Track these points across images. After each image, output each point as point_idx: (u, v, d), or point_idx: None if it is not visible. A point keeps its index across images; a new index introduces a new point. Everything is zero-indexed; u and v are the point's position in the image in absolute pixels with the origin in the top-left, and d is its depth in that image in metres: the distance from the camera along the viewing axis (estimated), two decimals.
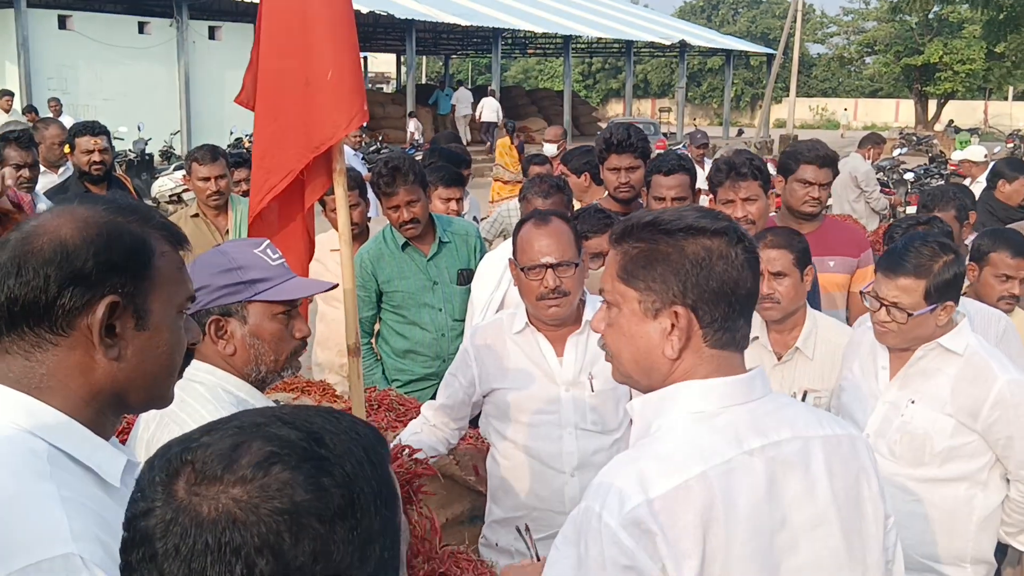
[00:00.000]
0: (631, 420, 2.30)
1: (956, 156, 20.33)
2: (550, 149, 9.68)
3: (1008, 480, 2.97)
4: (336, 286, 2.37)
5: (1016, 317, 4.04)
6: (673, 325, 1.66)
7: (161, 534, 0.92)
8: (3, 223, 3.47)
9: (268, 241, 2.26)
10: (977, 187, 8.15)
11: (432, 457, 2.97)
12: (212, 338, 2.16)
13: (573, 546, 1.63)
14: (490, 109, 28.23)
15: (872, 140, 11.30)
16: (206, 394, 2.10)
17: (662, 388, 1.71)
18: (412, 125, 25.35)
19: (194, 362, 1.92)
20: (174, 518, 0.92)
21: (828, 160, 4.13)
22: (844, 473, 1.73)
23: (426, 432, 3.19)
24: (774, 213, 4.30)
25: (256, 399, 2.19)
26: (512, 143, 14.67)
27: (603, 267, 1.80)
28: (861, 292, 3.06)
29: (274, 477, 0.92)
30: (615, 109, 60.40)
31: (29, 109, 17.19)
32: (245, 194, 5.90)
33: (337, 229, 4.79)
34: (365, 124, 22.21)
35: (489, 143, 26.14)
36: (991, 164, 8.07)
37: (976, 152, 9.41)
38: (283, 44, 2.89)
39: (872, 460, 1.80)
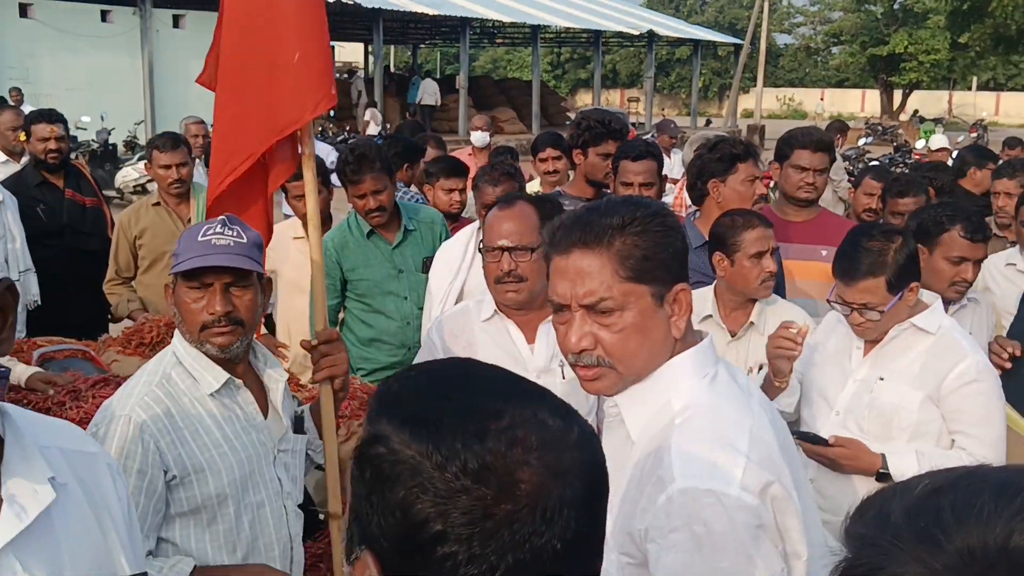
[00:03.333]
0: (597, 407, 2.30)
1: (921, 145, 20.55)
2: (479, 138, 8.62)
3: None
4: (240, 270, 2.38)
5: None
6: (678, 305, 1.73)
7: None
8: None
9: (224, 218, 2.38)
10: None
11: None
12: (167, 301, 2.47)
13: (681, 531, 1.61)
14: (429, 93, 28.30)
15: (836, 128, 11.35)
16: (158, 358, 2.49)
17: (653, 371, 1.73)
18: (368, 115, 24.60)
19: None
20: None
21: (823, 145, 4.08)
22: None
23: None
24: (765, 203, 4.31)
25: (195, 360, 2.39)
26: None
27: None
28: (828, 301, 3.06)
29: None
30: (584, 99, 60.42)
31: None
32: None
33: (300, 217, 4.77)
34: (332, 113, 21.96)
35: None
36: (955, 152, 8.22)
37: (940, 141, 9.86)
38: (247, 24, 2.82)
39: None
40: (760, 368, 3.31)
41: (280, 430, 2.53)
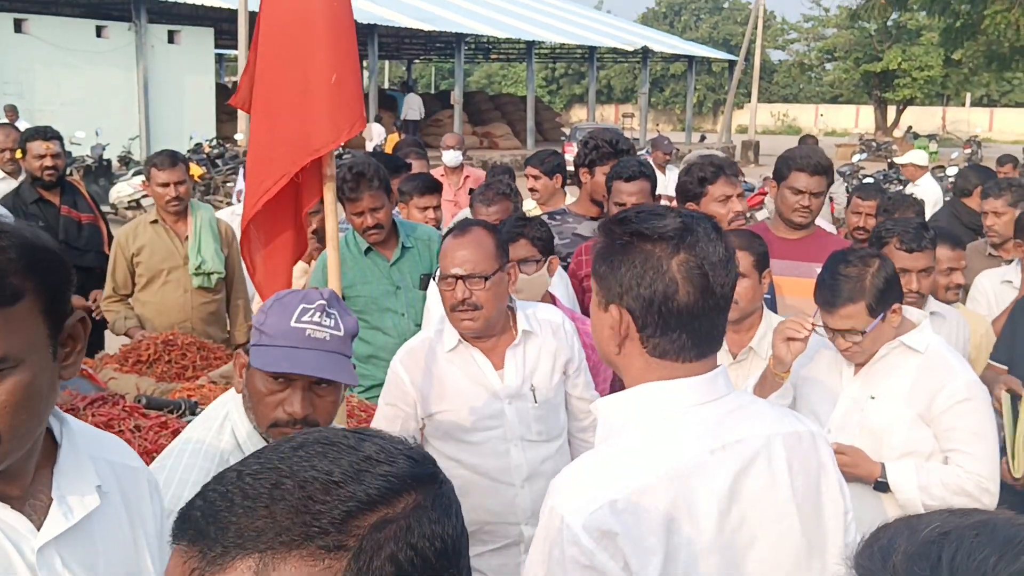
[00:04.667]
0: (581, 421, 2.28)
1: (901, 160, 20.65)
2: (451, 157, 8.17)
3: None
4: (326, 380, 2.13)
5: (963, 313, 4.11)
6: (618, 321, 1.71)
7: None
8: None
9: (329, 296, 2.14)
10: (916, 189, 8.79)
11: None
12: (236, 370, 2.19)
13: (542, 542, 1.65)
14: (413, 108, 28.42)
15: (814, 141, 11.29)
16: (215, 434, 2.18)
17: (628, 388, 1.74)
18: (376, 131, 24.87)
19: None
20: None
21: (821, 168, 3.99)
22: (804, 469, 1.75)
23: None
24: (767, 218, 4.31)
25: (250, 438, 2.14)
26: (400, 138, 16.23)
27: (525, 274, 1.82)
28: (812, 325, 3.07)
29: None
30: (578, 114, 60.62)
31: None
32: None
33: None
34: None
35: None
36: (949, 168, 8.37)
37: (920, 156, 9.90)
38: (283, 48, 2.86)
39: (831, 456, 1.83)
40: None
41: None
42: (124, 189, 15.86)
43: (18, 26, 21.40)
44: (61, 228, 5.57)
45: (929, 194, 8.62)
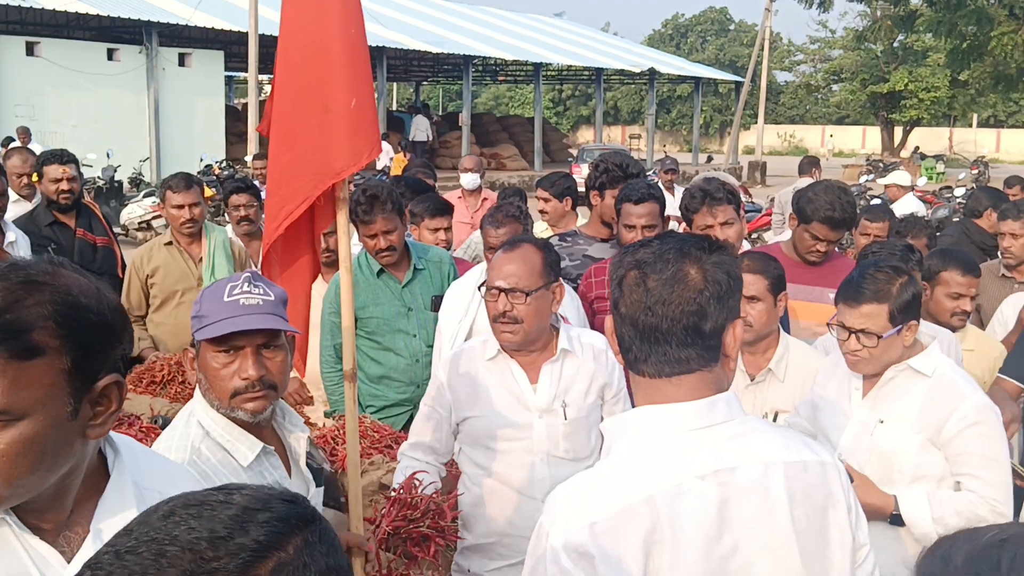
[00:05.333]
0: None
1: (923, 182, 20.71)
2: (469, 180, 8.06)
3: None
4: (276, 330, 2.28)
5: (969, 333, 4.11)
6: (611, 331, 1.77)
7: None
8: None
9: (248, 274, 2.26)
10: (897, 207, 9.37)
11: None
12: (187, 366, 2.31)
13: (529, 557, 1.69)
14: (421, 129, 28.54)
15: (811, 163, 11.32)
16: (182, 431, 2.27)
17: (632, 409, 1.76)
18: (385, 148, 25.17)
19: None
20: None
21: (843, 223, 4.08)
22: (807, 499, 1.73)
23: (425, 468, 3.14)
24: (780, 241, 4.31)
25: (226, 430, 2.26)
26: (405, 159, 17.27)
27: None
28: (828, 324, 3.09)
29: None
30: (585, 135, 60.79)
31: (8, 141, 17.08)
32: (243, 219, 5.85)
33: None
34: None
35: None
36: (968, 189, 8.61)
37: (904, 177, 10.71)
38: (301, 73, 2.89)
39: (844, 487, 1.79)
40: (776, 415, 3.33)
41: (303, 487, 2.45)
42: (135, 211, 15.93)
43: (30, 49, 21.58)
44: (76, 251, 5.61)
45: (908, 212, 8.99)
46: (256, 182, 8.28)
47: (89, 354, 1.35)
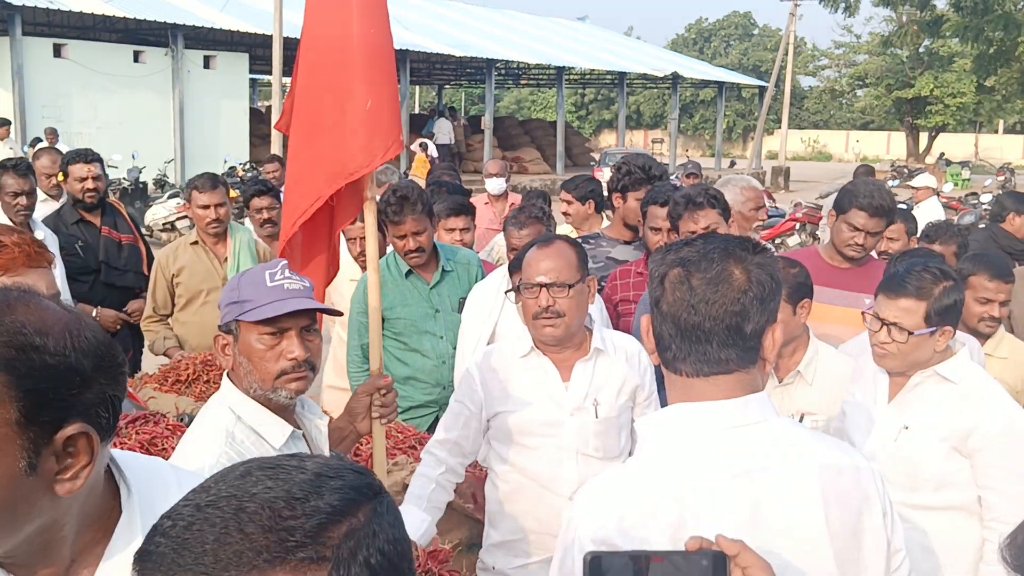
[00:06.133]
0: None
1: (948, 188, 20.60)
2: (495, 185, 7.94)
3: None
4: (325, 310, 2.40)
5: (1005, 341, 4.05)
6: (647, 329, 1.75)
7: None
8: None
9: (284, 262, 2.32)
10: (919, 211, 9.37)
11: None
12: (219, 353, 2.33)
13: (558, 550, 1.70)
14: (444, 132, 28.57)
15: (865, 171, 11.50)
16: (213, 415, 2.31)
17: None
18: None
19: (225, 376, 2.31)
20: None
21: (882, 210, 3.96)
22: (842, 502, 1.71)
23: (436, 490, 3.15)
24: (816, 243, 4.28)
25: (257, 414, 2.29)
26: (426, 159, 18.06)
27: None
28: (863, 313, 3.05)
29: None
30: (608, 140, 60.72)
31: (36, 141, 17.25)
32: (266, 222, 5.91)
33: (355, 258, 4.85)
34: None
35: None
36: (995, 195, 8.63)
37: (930, 180, 10.96)
38: (321, 72, 2.91)
39: (879, 491, 1.77)
40: (802, 417, 3.31)
41: None
42: (159, 211, 16.04)
43: (57, 51, 21.75)
44: (102, 248, 5.66)
45: (929, 215, 9.04)
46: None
47: (44, 402, 1.17)
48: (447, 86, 47.25)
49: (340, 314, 2.52)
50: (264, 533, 0.88)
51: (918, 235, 5.57)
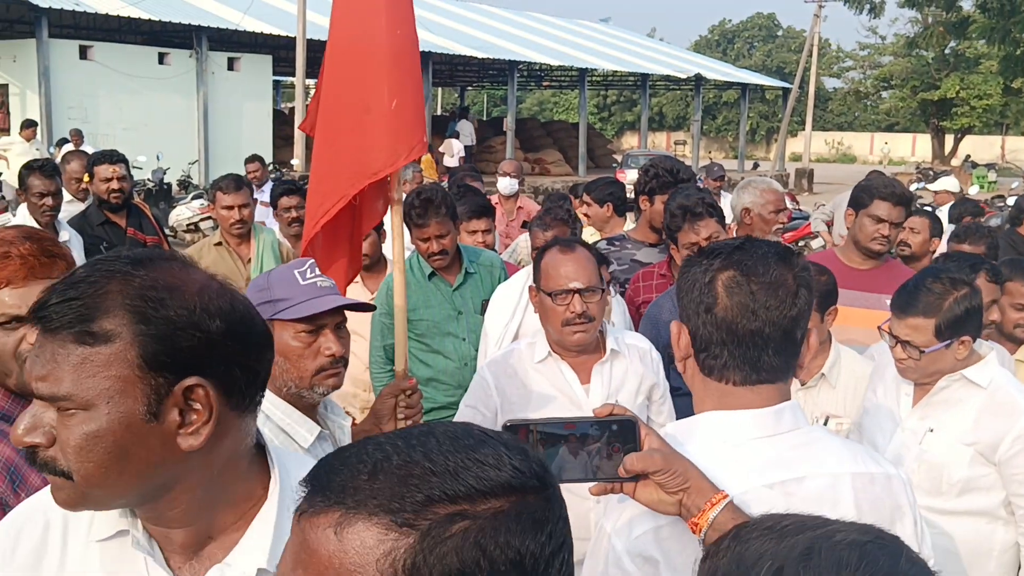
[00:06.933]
0: None
1: (975, 191, 20.46)
2: (507, 185, 7.78)
3: None
4: (360, 304, 2.42)
5: None
6: (678, 336, 1.71)
7: None
8: None
9: (311, 261, 2.33)
10: (940, 213, 9.21)
11: None
12: None
13: (590, 557, 1.68)
14: (466, 134, 28.61)
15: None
16: None
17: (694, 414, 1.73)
18: (456, 147, 25.29)
19: None
20: None
21: (904, 199, 3.99)
22: (875, 512, 1.69)
23: None
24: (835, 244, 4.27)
25: (286, 414, 2.28)
26: (432, 160, 18.25)
27: None
28: (879, 328, 3.02)
29: None
30: (630, 141, 60.62)
31: (63, 142, 17.40)
32: (293, 221, 5.90)
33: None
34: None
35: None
36: (1014, 199, 8.46)
37: (952, 184, 10.99)
38: (346, 72, 2.91)
39: (910, 500, 1.76)
40: (827, 420, 3.28)
41: None
42: (183, 212, 16.13)
43: (83, 52, 21.94)
44: (127, 249, 5.69)
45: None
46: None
47: (164, 351, 1.24)
48: (469, 88, 47.30)
49: (374, 308, 2.55)
50: (384, 485, 0.89)
51: (941, 236, 5.52)
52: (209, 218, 14.66)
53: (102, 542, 1.36)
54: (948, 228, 8.35)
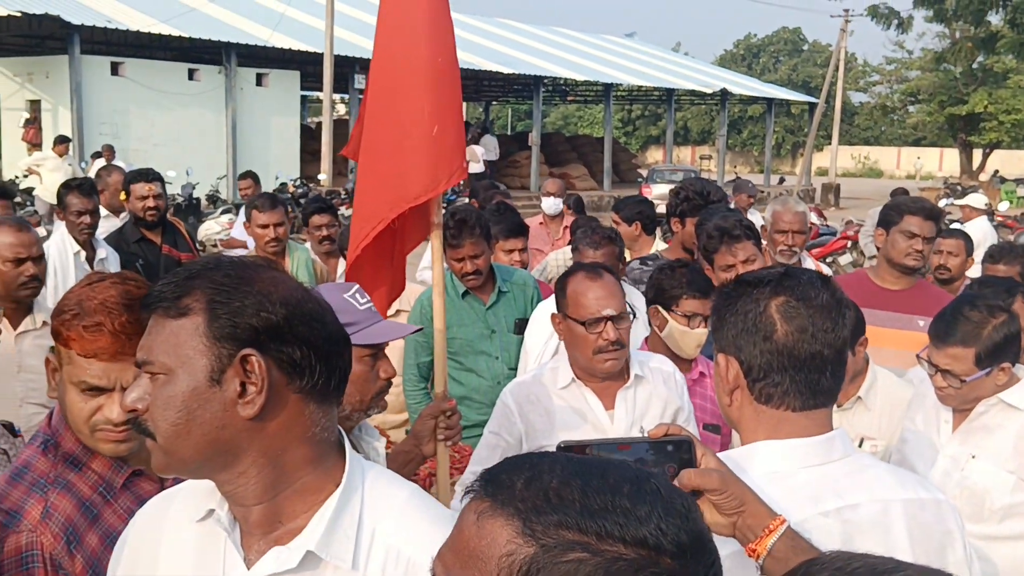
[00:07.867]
0: None
1: (1004, 207, 20.28)
2: (552, 205, 7.72)
3: None
4: (420, 330, 2.56)
5: None
6: (725, 369, 1.70)
7: None
8: None
9: (357, 286, 2.35)
10: (969, 228, 9.10)
11: None
12: None
13: None
14: (490, 148, 28.64)
15: (902, 194, 11.37)
16: None
17: (741, 446, 1.72)
18: (479, 152, 25.21)
19: None
20: None
21: (934, 213, 4.03)
22: (926, 538, 1.69)
23: None
24: (869, 264, 4.26)
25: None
26: None
27: None
28: (917, 356, 3.02)
29: None
30: (655, 155, 60.57)
31: (96, 156, 17.59)
32: (324, 239, 5.92)
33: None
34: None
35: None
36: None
37: (979, 199, 10.77)
38: (389, 97, 2.94)
39: (959, 525, 1.76)
40: (862, 442, 3.28)
41: None
42: (212, 227, 16.25)
43: (114, 69, 22.22)
44: (162, 266, 5.75)
45: (977, 235, 8.83)
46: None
47: (229, 323, 1.40)
48: (494, 103, 47.42)
49: (420, 330, 2.72)
50: (538, 497, 0.96)
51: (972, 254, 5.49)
52: None
53: (198, 523, 1.51)
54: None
